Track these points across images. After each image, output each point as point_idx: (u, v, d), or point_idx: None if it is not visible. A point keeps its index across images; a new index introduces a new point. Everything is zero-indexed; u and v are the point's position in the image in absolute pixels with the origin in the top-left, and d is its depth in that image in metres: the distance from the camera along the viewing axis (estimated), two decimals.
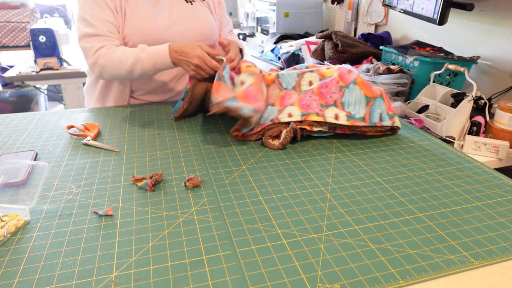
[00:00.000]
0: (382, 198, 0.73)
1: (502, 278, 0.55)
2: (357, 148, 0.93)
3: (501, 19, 1.50)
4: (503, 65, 1.52)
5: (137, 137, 0.99)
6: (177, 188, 0.76)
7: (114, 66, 1.08)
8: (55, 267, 0.57)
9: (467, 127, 1.28)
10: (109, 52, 1.09)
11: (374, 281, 0.54)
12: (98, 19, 1.10)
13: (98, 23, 1.10)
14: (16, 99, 3.31)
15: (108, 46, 1.10)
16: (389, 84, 1.53)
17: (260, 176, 0.81)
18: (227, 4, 3.75)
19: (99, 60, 1.09)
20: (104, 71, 1.10)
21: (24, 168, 0.81)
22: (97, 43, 1.10)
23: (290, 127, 0.92)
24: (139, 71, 1.08)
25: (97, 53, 1.10)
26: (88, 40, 1.10)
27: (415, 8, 1.58)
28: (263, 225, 0.65)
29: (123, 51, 1.08)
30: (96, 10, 1.10)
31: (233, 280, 0.54)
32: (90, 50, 1.10)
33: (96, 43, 1.10)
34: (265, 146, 0.94)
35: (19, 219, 0.66)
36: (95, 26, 1.09)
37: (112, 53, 1.09)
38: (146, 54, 1.06)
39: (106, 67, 1.09)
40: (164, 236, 0.63)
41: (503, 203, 0.72)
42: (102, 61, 1.09)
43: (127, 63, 1.07)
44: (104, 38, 1.10)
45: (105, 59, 1.09)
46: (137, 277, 0.55)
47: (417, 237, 0.62)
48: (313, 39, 2.20)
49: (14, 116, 1.13)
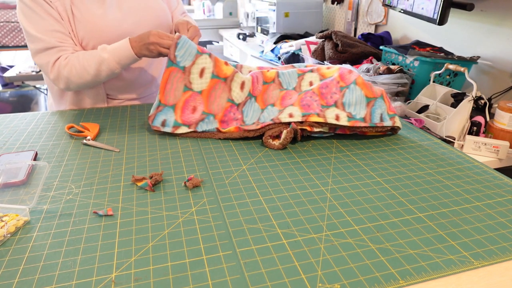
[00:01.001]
0: (382, 198, 0.73)
1: (502, 278, 0.55)
2: (357, 148, 0.93)
3: (501, 19, 1.50)
4: (503, 65, 1.52)
5: (137, 137, 0.99)
6: (177, 188, 0.76)
7: (79, 73, 1.05)
8: (55, 267, 0.57)
9: (467, 127, 1.28)
10: (69, 61, 1.05)
11: (374, 281, 0.54)
12: (44, 32, 1.05)
13: (46, 36, 1.05)
14: (16, 99, 3.31)
15: (64, 56, 1.06)
16: (389, 84, 1.53)
17: (260, 176, 0.81)
18: (227, 4, 3.75)
19: (61, 72, 1.06)
20: (70, 82, 1.07)
21: (24, 168, 0.81)
22: (52, 56, 1.06)
23: (291, 128, 0.92)
24: (106, 72, 1.06)
25: (56, 65, 1.06)
26: (42, 56, 1.06)
27: (415, 8, 1.58)
28: (263, 225, 0.65)
29: (83, 56, 1.05)
30: (39, 23, 1.05)
31: (233, 280, 0.54)
32: (48, 65, 1.06)
33: (50, 56, 1.06)
34: (265, 146, 0.94)
35: (19, 219, 0.66)
36: (43, 40, 1.05)
37: (73, 61, 1.05)
38: (109, 53, 1.04)
39: (70, 77, 1.06)
40: (164, 236, 0.63)
41: (503, 203, 0.72)
42: (64, 72, 1.06)
43: (91, 66, 1.04)
44: (57, 49, 1.06)
45: (67, 70, 1.05)
46: (137, 277, 0.55)
47: (417, 237, 0.62)
48: (313, 39, 2.20)
49: (14, 116, 1.13)
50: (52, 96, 1.27)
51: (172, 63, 0.97)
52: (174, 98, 0.99)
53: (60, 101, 1.25)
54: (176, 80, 0.98)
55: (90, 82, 1.09)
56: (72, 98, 1.22)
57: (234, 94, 1.02)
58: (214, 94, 1.01)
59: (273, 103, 1.03)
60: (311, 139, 0.98)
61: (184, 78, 0.98)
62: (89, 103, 1.22)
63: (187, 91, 0.99)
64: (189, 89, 0.99)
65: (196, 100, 1.00)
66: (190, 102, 0.99)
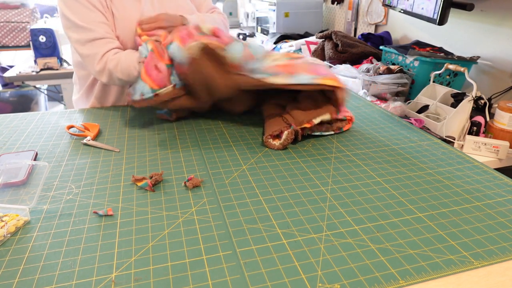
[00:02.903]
0: (382, 198, 0.73)
1: (502, 278, 0.55)
2: (357, 148, 0.93)
3: (501, 19, 1.50)
4: (503, 65, 1.52)
5: (137, 137, 0.99)
6: (177, 188, 0.76)
7: (123, 71, 1.05)
8: (55, 267, 0.57)
9: (467, 127, 1.28)
10: (116, 57, 1.06)
11: (374, 281, 0.54)
12: (93, 22, 1.05)
13: (94, 26, 1.05)
14: (16, 99, 3.31)
15: (114, 51, 1.07)
16: (389, 84, 1.53)
17: (260, 176, 0.81)
18: (227, 4, 3.75)
19: (107, 65, 1.06)
20: (113, 77, 1.07)
21: (24, 168, 0.81)
22: (101, 48, 1.06)
23: (292, 129, 0.92)
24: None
25: (104, 58, 1.06)
26: (90, 47, 1.06)
27: (415, 8, 1.58)
28: (263, 225, 0.65)
29: (132, 55, 1.06)
30: (86, 14, 1.05)
31: (233, 280, 0.54)
32: (95, 56, 1.06)
33: (100, 48, 1.06)
34: (265, 146, 0.94)
35: (19, 219, 0.66)
36: (92, 30, 1.05)
37: (120, 57, 1.06)
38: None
39: (115, 72, 1.06)
40: (164, 236, 0.63)
41: (503, 203, 0.72)
42: (110, 67, 1.05)
43: (136, 68, 1.05)
44: (106, 41, 1.07)
45: (113, 64, 1.05)
46: (137, 277, 0.55)
47: (417, 237, 0.62)
48: (313, 39, 2.20)
49: (14, 116, 1.13)
50: (79, 91, 1.27)
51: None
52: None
53: (87, 96, 1.25)
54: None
55: (131, 81, 1.08)
56: (98, 94, 1.23)
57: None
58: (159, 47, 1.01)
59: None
60: (311, 138, 0.98)
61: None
62: (112, 100, 1.24)
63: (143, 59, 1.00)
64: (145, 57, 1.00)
65: (152, 59, 0.99)
66: (150, 63, 0.98)
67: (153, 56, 0.99)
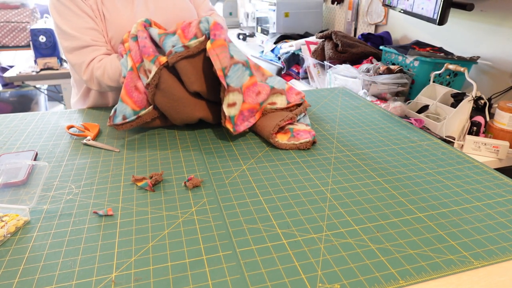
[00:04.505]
0: (382, 198, 0.73)
1: (502, 278, 0.55)
2: (357, 148, 0.93)
3: (501, 19, 1.50)
4: (503, 65, 1.52)
5: (137, 137, 0.99)
6: (177, 188, 0.76)
7: (110, 77, 1.05)
8: (55, 267, 0.57)
9: (467, 127, 1.28)
10: (102, 64, 1.05)
11: (374, 281, 0.54)
12: (79, 29, 1.04)
13: (81, 34, 1.04)
14: (16, 99, 3.32)
15: (99, 58, 1.06)
16: (389, 84, 1.53)
17: (260, 176, 0.81)
18: (227, 4, 3.75)
19: (93, 74, 1.06)
20: (102, 84, 1.07)
21: (24, 168, 0.81)
22: (87, 57, 1.05)
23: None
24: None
25: (89, 67, 1.06)
26: (77, 55, 1.05)
27: (415, 8, 1.58)
28: (263, 225, 0.65)
29: (115, 61, 1.04)
30: (74, 20, 1.04)
31: (233, 280, 0.54)
32: (81, 65, 1.06)
33: (86, 56, 1.05)
34: (265, 146, 0.94)
35: (19, 219, 0.66)
36: (78, 38, 1.04)
37: (106, 64, 1.05)
38: None
39: (103, 80, 1.06)
40: (164, 236, 0.63)
41: (503, 203, 0.72)
42: (97, 75, 1.05)
43: (123, 71, 1.03)
44: (92, 48, 1.06)
45: (100, 73, 1.05)
46: (137, 277, 0.55)
47: (417, 237, 0.62)
48: (313, 39, 2.20)
49: (14, 116, 1.13)
50: (77, 94, 1.27)
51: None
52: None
53: (86, 98, 1.25)
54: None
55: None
56: (95, 97, 1.22)
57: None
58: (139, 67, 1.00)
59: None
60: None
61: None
62: (111, 101, 1.23)
63: (123, 78, 0.99)
64: (124, 77, 0.98)
65: (132, 79, 0.97)
66: (130, 84, 0.97)
67: (132, 75, 0.97)
